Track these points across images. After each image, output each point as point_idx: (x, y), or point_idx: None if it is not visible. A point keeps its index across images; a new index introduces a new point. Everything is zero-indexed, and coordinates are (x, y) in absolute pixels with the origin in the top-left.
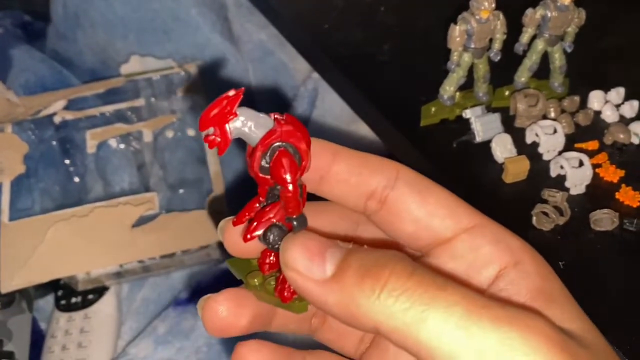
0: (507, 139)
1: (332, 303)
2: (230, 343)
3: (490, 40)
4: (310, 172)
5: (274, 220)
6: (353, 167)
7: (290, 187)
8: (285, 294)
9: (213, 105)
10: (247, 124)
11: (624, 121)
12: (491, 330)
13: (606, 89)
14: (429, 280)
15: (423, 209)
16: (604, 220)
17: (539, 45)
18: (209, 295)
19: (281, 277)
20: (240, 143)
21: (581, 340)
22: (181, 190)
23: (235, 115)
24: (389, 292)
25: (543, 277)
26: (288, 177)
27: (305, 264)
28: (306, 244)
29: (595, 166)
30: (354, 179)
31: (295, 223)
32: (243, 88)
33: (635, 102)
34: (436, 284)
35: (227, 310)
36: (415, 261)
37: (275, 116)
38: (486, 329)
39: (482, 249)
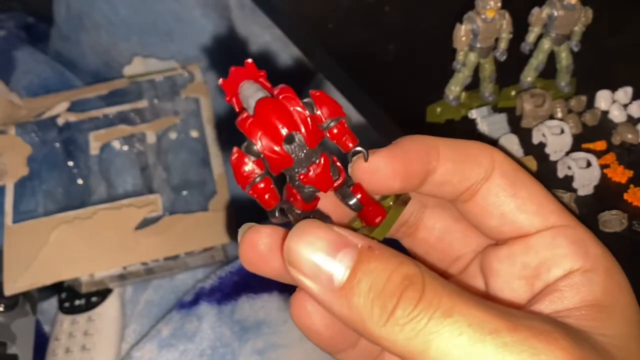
0: (513, 139)
1: (339, 314)
2: (233, 346)
3: (496, 39)
4: (411, 179)
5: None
6: (456, 164)
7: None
8: (375, 219)
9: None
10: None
11: (632, 121)
12: (498, 353)
13: (614, 88)
14: (436, 303)
15: (512, 203)
16: (612, 221)
17: (546, 44)
18: (252, 224)
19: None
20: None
21: (613, 355)
22: (185, 192)
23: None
24: (396, 321)
25: (608, 290)
26: (336, 106)
27: (312, 268)
28: (314, 243)
29: (603, 167)
30: (457, 178)
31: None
32: (249, 60)
33: None
34: (444, 307)
35: (265, 245)
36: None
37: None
38: (492, 352)
39: (559, 249)
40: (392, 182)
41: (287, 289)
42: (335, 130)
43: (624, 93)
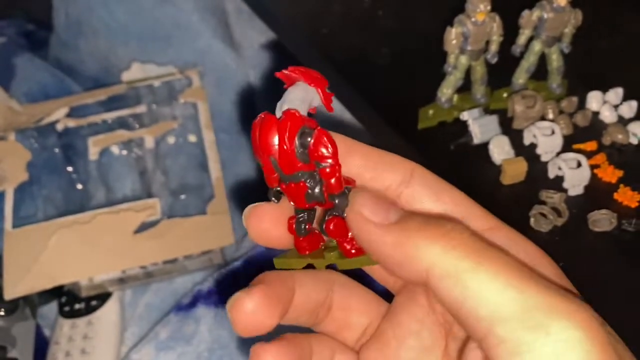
0: (504, 140)
1: (390, 242)
2: (230, 348)
3: (487, 42)
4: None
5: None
6: (368, 161)
7: (331, 162)
8: (353, 250)
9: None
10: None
11: (623, 121)
12: (539, 293)
13: (604, 89)
14: (486, 244)
15: (439, 208)
16: (602, 220)
17: (536, 46)
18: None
19: (343, 240)
20: (239, 149)
21: None
22: (183, 196)
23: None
24: (448, 241)
25: (560, 279)
26: (330, 152)
27: (372, 208)
28: (375, 196)
29: (593, 167)
30: (369, 174)
31: (337, 201)
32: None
33: (633, 103)
34: (493, 248)
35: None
36: None
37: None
38: (534, 290)
39: None
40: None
41: None
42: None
43: (615, 94)
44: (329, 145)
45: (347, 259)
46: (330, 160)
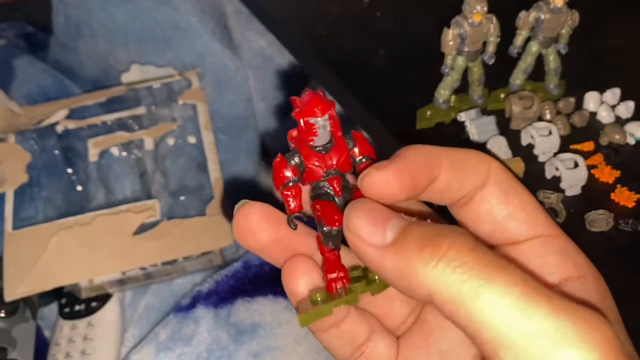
0: (502, 141)
1: (390, 268)
2: (229, 349)
3: (484, 43)
4: (416, 189)
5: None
6: (455, 173)
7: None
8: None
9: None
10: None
11: (620, 122)
12: (547, 317)
13: (602, 90)
14: (489, 259)
15: (504, 211)
16: (599, 221)
17: (533, 47)
18: (247, 200)
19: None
20: (238, 150)
21: None
22: (182, 197)
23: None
24: (447, 262)
25: (602, 296)
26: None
27: (368, 229)
28: (370, 211)
29: (590, 167)
30: (456, 186)
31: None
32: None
33: (630, 103)
34: (497, 263)
35: (257, 220)
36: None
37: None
38: (543, 314)
39: (549, 257)
40: (399, 195)
41: (282, 293)
42: (362, 166)
43: (612, 94)
44: (369, 143)
45: (375, 285)
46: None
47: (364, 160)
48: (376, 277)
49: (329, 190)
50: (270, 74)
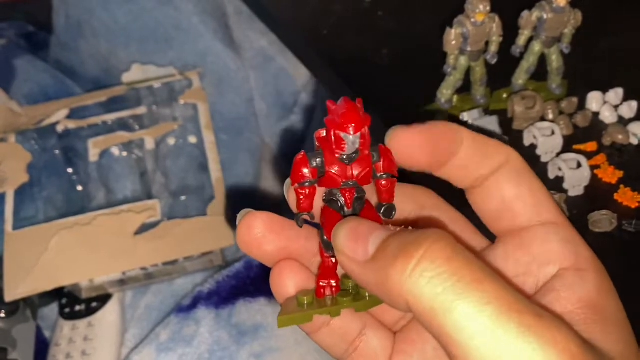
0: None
1: (372, 283)
2: (230, 350)
3: (487, 43)
4: (437, 156)
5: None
6: (475, 152)
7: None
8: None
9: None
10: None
11: (623, 122)
12: (516, 338)
13: (604, 90)
14: (466, 270)
15: (513, 191)
16: (602, 221)
17: (536, 47)
18: (250, 210)
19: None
20: (239, 150)
21: None
22: (183, 197)
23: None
24: (421, 273)
25: (601, 292)
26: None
27: (351, 246)
28: (354, 229)
29: (593, 167)
30: (473, 166)
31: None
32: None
33: (634, 103)
34: (473, 275)
35: (261, 230)
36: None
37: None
38: (512, 335)
39: (550, 245)
40: (420, 155)
41: None
42: (383, 182)
43: (615, 94)
44: (393, 159)
45: (362, 302)
46: (394, 175)
47: (384, 176)
48: (367, 294)
49: (340, 200)
50: (271, 74)
